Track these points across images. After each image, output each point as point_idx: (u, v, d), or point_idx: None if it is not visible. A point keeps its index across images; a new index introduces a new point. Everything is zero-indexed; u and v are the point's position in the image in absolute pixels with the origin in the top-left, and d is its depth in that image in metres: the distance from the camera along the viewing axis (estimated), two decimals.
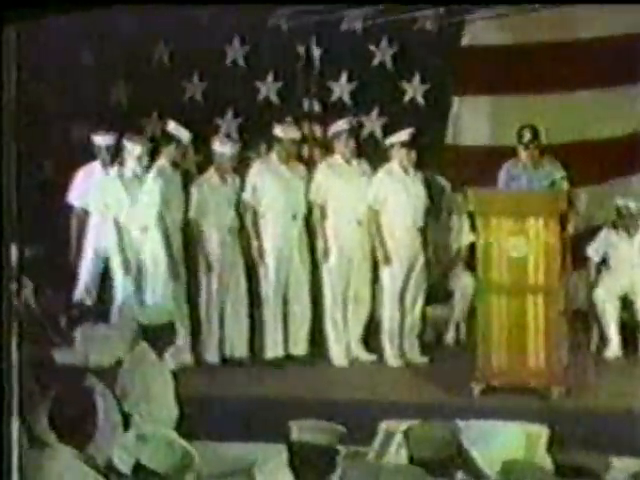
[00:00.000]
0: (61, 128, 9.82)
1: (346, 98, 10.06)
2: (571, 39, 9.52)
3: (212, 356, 8.45)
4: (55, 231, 8.69)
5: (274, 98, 10.13)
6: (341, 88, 10.08)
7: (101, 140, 8.75)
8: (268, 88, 10.13)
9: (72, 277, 8.70)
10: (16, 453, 5.26)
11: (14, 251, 5.19)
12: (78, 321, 7.77)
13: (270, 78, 10.10)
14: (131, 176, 8.46)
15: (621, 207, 8.61)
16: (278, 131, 8.55)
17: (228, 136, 9.71)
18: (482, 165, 8.66)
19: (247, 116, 10.10)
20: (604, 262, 8.69)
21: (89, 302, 8.47)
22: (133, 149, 8.45)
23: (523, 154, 8.00)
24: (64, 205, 8.79)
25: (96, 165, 8.76)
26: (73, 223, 8.71)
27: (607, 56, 9.28)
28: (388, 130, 9.12)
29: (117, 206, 8.43)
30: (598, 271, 8.70)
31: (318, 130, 9.43)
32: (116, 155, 8.63)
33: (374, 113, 9.95)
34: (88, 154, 8.87)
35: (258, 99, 10.13)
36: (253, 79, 10.13)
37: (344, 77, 10.05)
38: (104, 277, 8.62)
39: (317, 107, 9.74)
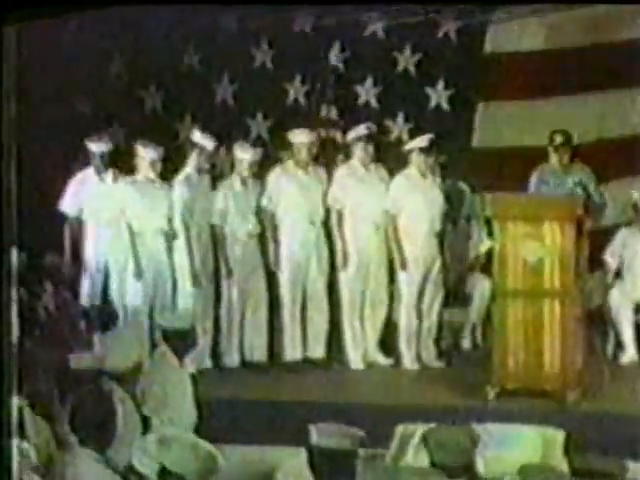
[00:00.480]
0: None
1: (373, 102, 10.12)
2: (589, 43, 9.56)
3: (232, 360, 8.51)
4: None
5: (302, 100, 10.19)
6: (367, 92, 10.12)
7: (95, 147, 8.61)
8: (296, 91, 10.18)
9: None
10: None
11: (14, 255, 5.15)
12: (96, 326, 7.84)
13: (298, 82, 10.16)
14: (145, 182, 8.50)
15: (638, 202, 8.58)
16: (290, 136, 8.63)
17: (259, 137, 9.88)
18: (507, 168, 8.77)
19: (276, 119, 10.15)
20: (621, 265, 8.68)
21: (96, 307, 8.46)
22: (146, 155, 8.47)
23: (554, 157, 8.07)
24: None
25: (89, 172, 8.62)
26: (66, 231, 8.60)
27: (615, 60, 9.30)
28: (414, 135, 9.16)
29: (130, 212, 8.45)
30: (615, 274, 8.67)
31: (339, 135, 9.48)
32: (114, 162, 8.61)
33: (399, 119, 10.02)
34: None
35: (287, 102, 10.20)
36: (281, 81, 10.20)
37: (369, 82, 10.10)
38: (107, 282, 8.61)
39: (335, 113, 9.86)
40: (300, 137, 8.57)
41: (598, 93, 9.52)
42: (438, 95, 10.03)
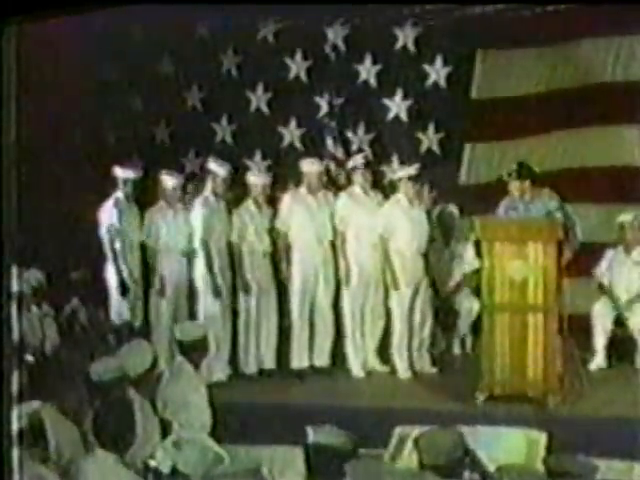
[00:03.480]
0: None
1: (365, 147, 10.30)
2: (562, 88, 9.85)
3: (250, 368, 8.73)
4: (98, 254, 8.87)
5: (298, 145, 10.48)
6: (359, 139, 10.38)
7: (122, 173, 8.77)
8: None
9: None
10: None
11: (15, 273, 5.04)
12: (124, 339, 8.01)
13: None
14: (167, 207, 8.82)
15: (625, 222, 8.74)
16: (303, 165, 8.85)
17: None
18: (487, 198, 8.84)
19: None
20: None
21: (127, 322, 8.67)
22: (168, 183, 8.82)
23: (512, 186, 8.07)
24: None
25: (120, 197, 8.74)
26: (108, 252, 8.72)
27: (598, 100, 9.56)
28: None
29: (155, 234, 8.76)
30: (600, 288, 8.84)
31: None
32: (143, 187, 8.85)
33: (394, 161, 10.25)
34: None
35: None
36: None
37: (361, 129, 10.37)
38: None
39: (332, 146, 10.03)
40: (311, 166, 8.82)
41: (581, 129, 9.71)
42: (429, 139, 10.25)
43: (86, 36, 9.04)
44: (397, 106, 10.32)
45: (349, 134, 10.31)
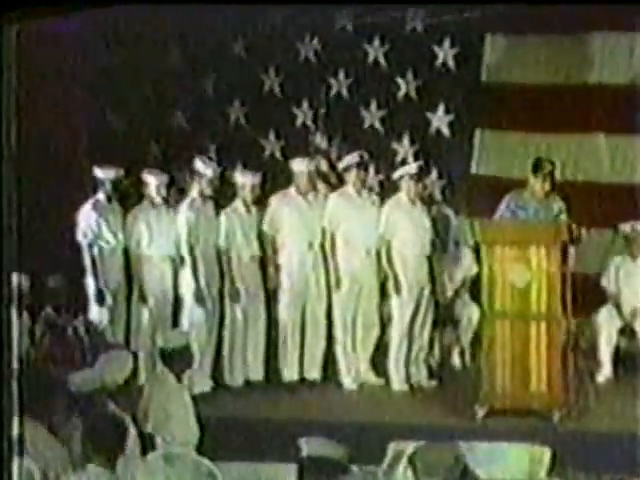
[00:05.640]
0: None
1: (377, 125, 10.34)
2: (592, 82, 9.74)
3: (236, 379, 8.56)
4: (72, 262, 8.75)
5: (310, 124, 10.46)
6: (371, 115, 10.35)
7: (102, 173, 8.63)
8: (305, 115, 10.44)
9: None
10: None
11: (15, 279, 5.04)
12: (99, 346, 7.87)
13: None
14: (151, 208, 8.62)
15: (628, 232, 8.71)
16: (293, 165, 8.70)
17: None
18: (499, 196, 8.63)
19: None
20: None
21: (107, 330, 8.53)
22: (152, 182, 8.61)
23: (537, 185, 7.96)
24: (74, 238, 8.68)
25: (100, 198, 8.61)
26: (86, 257, 8.61)
27: (624, 102, 9.34)
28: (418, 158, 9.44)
29: (136, 237, 8.59)
30: (605, 295, 8.78)
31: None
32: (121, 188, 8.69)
33: (405, 141, 10.24)
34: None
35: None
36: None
37: (374, 105, 10.35)
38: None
39: (325, 144, 10.00)
40: (301, 166, 8.65)
41: (597, 133, 9.66)
42: (439, 120, 10.19)
43: (87, 34, 9.17)
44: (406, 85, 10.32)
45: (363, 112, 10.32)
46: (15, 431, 5.47)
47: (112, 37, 9.82)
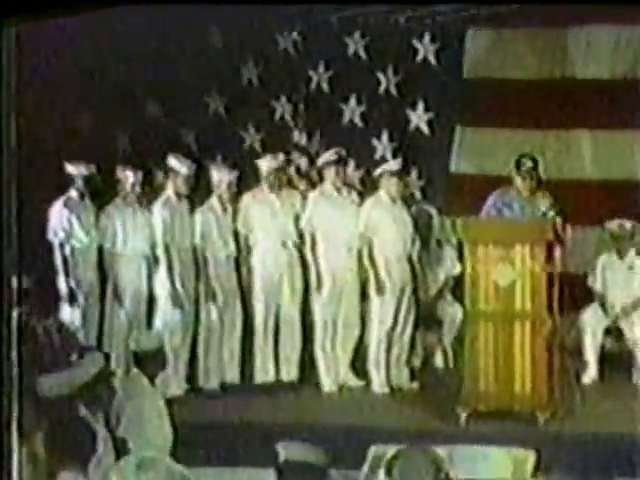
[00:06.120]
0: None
1: (357, 120, 10.26)
2: (574, 78, 9.70)
3: (211, 382, 8.47)
4: (43, 261, 8.57)
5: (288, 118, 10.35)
6: (351, 110, 10.25)
7: (74, 169, 8.51)
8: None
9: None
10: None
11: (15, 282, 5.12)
12: (72, 348, 7.70)
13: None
14: (125, 206, 8.51)
15: (614, 229, 8.65)
16: (260, 163, 8.62)
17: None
18: (480, 195, 8.65)
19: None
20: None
21: (79, 332, 8.39)
22: (127, 178, 8.49)
23: (520, 183, 7.97)
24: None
25: (72, 195, 8.52)
26: (58, 257, 8.50)
27: (607, 98, 9.41)
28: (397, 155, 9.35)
29: (110, 236, 8.47)
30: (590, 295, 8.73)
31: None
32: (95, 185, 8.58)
33: (384, 138, 10.15)
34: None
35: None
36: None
37: (353, 100, 10.24)
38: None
39: (304, 140, 9.94)
40: (268, 163, 8.55)
41: (580, 129, 9.63)
42: (418, 117, 10.10)
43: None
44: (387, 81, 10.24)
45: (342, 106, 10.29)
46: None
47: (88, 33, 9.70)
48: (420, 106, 10.06)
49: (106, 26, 8.88)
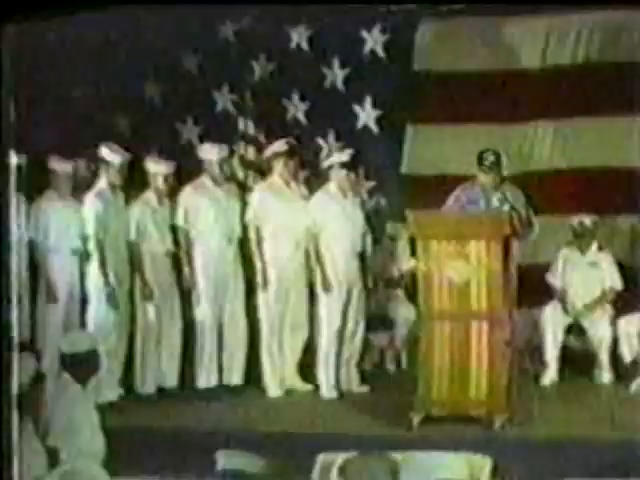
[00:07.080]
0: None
1: (301, 117, 10.10)
2: (529, 68, 9.61)
3: (148, 387, 8.41)
4: None
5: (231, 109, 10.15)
6: (295, 107, 10.08)
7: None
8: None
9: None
10: None
11: None
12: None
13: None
14: (57, 198, 8.44)
15: (576, 226, 8.67)
16: (201, 152, 8.52)
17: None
18: (436, 193, 8.52)
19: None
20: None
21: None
22: (59, 169, 8.42)
23: (483, 178, 7.91)
24: None
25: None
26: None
27: (564, 87, 9.39)
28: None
29: (42, 230, 8.39)
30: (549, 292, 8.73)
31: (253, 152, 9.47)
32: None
33: (330, 136, 9.98)
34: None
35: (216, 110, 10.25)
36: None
37: (296, 97, 10.07)
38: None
39: (252, 129, 9.69)
40: (209, 153, 8.44)
41: (535, 120, 9.52)
42: (367, 114, 9.95)
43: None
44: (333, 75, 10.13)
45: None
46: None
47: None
48: (368, 102, 9.91)
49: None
